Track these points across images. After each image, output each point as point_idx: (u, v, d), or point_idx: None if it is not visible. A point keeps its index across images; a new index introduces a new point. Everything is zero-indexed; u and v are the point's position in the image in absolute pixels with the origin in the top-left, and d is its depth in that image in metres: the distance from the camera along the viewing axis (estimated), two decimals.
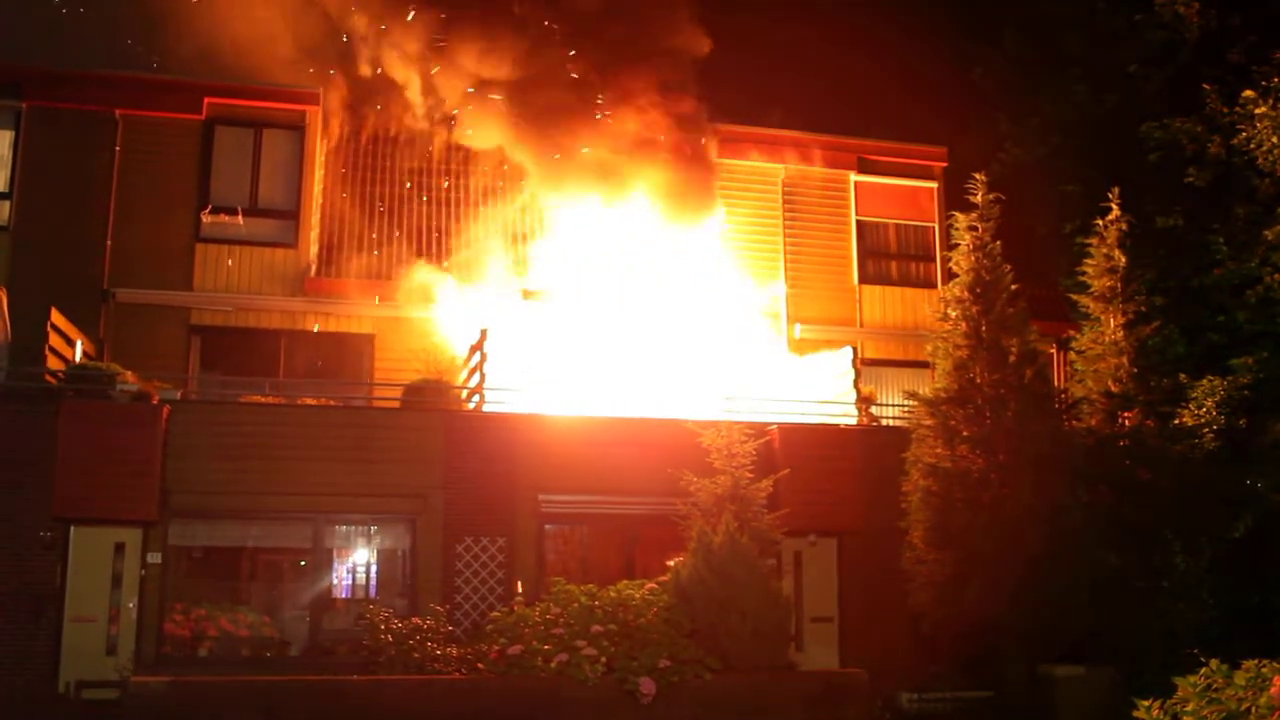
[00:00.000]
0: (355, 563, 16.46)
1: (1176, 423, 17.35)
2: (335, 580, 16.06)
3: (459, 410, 17.08)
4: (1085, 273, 17.68)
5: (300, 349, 19.82)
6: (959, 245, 16.58)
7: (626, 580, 14.85)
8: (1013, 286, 16.27)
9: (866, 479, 16.75)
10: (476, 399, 17.19)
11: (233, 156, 19.95)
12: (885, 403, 19.96)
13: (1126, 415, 16.91)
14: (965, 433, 15.72)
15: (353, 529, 16.31)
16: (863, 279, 22.56)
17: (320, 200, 20.45)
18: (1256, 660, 9.05)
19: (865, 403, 18.72)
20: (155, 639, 14.77)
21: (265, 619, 15.35)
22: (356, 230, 20.46)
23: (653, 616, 13.89)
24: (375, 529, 16.32)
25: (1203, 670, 9.10)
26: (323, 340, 19.89)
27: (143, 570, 14.94)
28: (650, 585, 14.55)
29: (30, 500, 14.48)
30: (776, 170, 22.45)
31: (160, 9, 20.64)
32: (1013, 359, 15.97)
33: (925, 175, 23.23)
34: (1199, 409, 18.39)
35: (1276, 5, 22.67)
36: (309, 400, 17.48)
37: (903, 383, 20.62)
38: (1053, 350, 20.74)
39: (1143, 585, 15.71)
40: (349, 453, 15.63)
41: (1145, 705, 9.04)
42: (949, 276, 17.50)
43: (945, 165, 23.20)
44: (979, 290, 16.18)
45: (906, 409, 17.36)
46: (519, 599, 14.77)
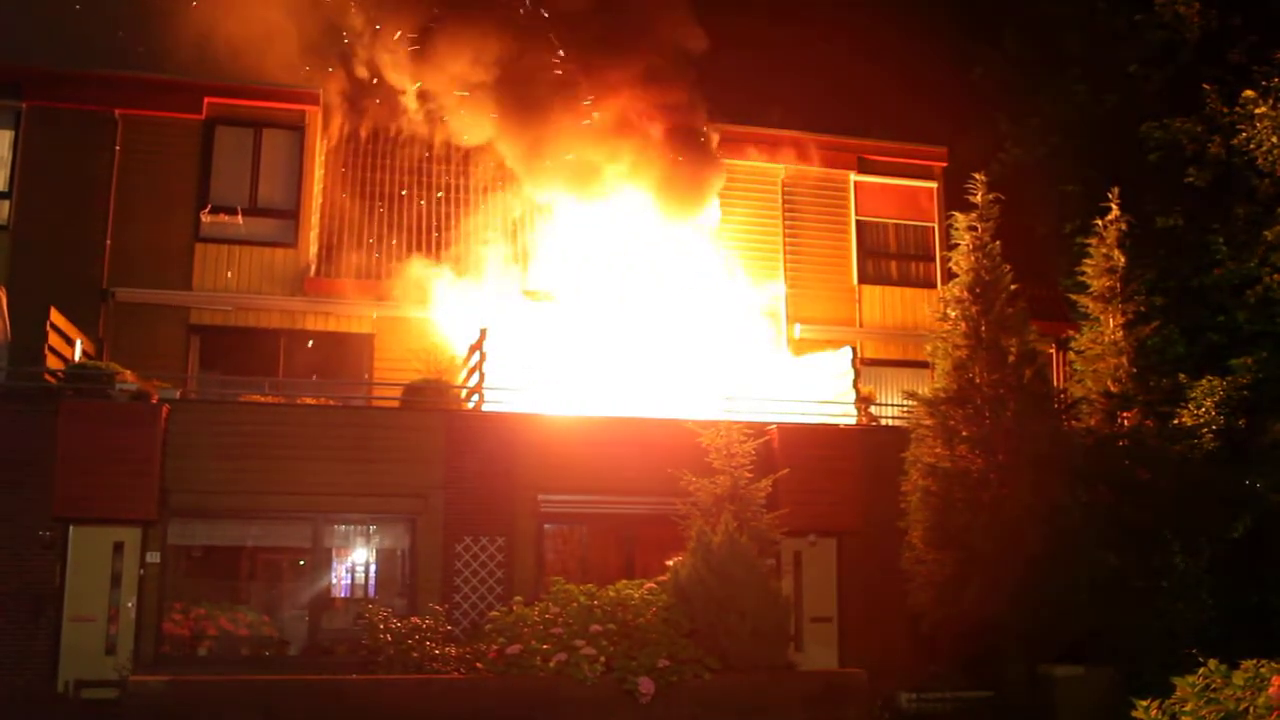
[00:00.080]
0: (354, 562, 16.47)
1: (1176, 423, 17.35)
2: (334, 580, 16.07)
3: (458, 410, 17.07)
4: (1085, 273, 17.68)
5: (300, 349, 19.82)
6: (959, 245, 16.58)
7: (625, 580, 14.85)
8: (1012, 286, 16.27)
9: (866, 479, 16.74)
10: (476, 399, 17.19)
11: (232, 156, 19.95)
12: (885, 403, 19.97)
13: (1126, 415, 16.91)
14: (965, 433, 15.71)
15: (352, 528, 16.31)
16: (862, 279, 22.56)
17: (320, 200, 20.45)
18: (1255, 660, 9.05)
19: (865, 403, 18.72)
20: (154, 638, 14.78)
21: (264, 618, 15.35)
22: (356, 230, 20.46)
23: (652, 616, 13.89)
24: (374, 528, 16.32)
25: (1201, 670, 9.09)
26: (322, 340, 19.89)
27: (142, 570, 14.94)
28: (649, 585, 14.55)
29: (30, 500, 14.48)
30: (776, 170, 22.45)
31: (160, 8, 20.62)
32: (1012, 359, 15.97)
33: (925, 175, 23.23)
34: (1198, 409, 18.41)
35: (1276, 5, 22.66)
36: (308, 400, 17.48)
37: (902, 383, 20.63)
38: (1052, 350, 20.75)
39: (1142, 585, 15.71)
40: (348, 452, 15.63)
41: (1144, 705, 9.03)
42: (949, 276, 17.50)
43: (945, 165, 23.21)
44: (978, 290, 16.18)
45: (906, 409, 17.36)
46: (517, 600, 14.76)
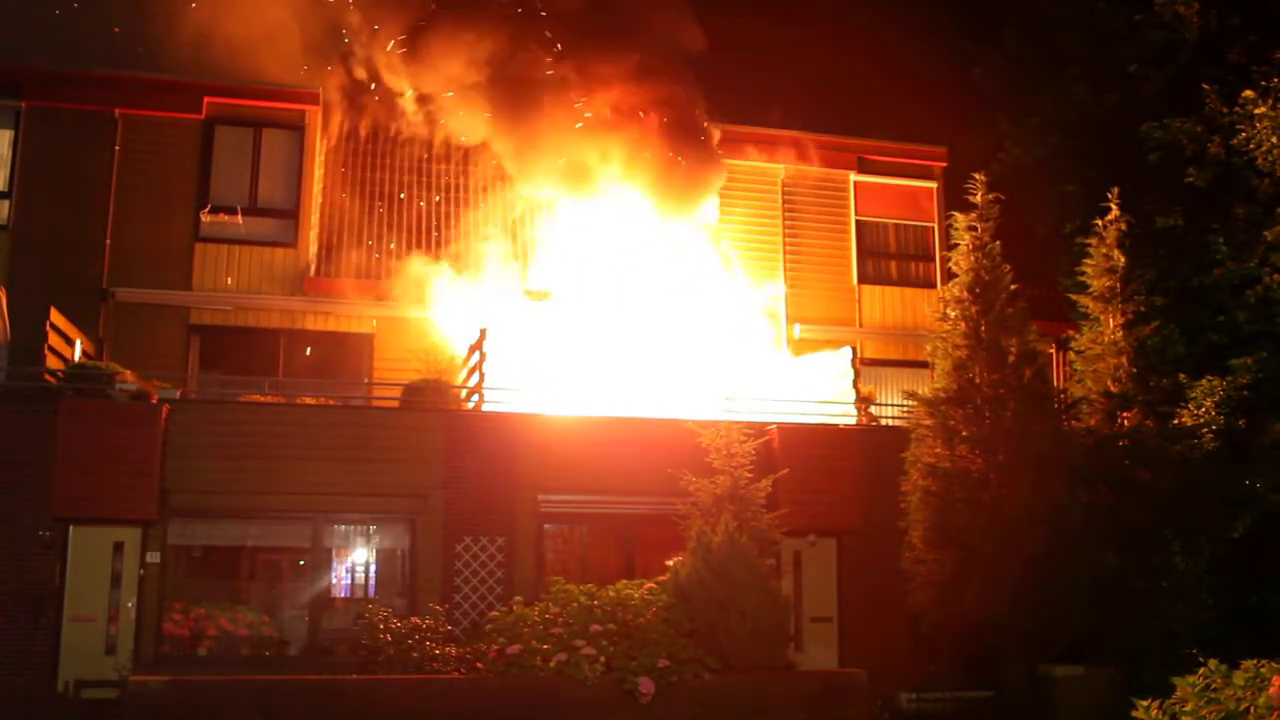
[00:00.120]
0: (354, 562, 16.46)
1: (1176, 423, 17.35)
2: (334, 580, 16.06)
3: (458, 410, 17.07)
4: (1085, 273, 17.67)
5: (300, 349, 19.82)
6: (958, 245, 16.58)
7: (625, 580, 14.85)
8: (1012, 286, 16.26)
9: (866, 479, 16.74)
10: (476, 399, 17.18)
11: (232, 156, 19.95)
12: (885, 403, 19.97)
13: (1126, 415, 16.91)
14: (964, 433, 15.71)
15: (352, 528, 16.30)
16: (862, 279, 22.56)
17: (320, 200, 20.45)
18: (1255, 660, 9.05)
19: (865, 403, 18.72)
20: (154, 638, 14.77)
21: (264, 618, 15.35)
22: (356, 230, 20.46)
23: (652, 616, 13.88)
24: (374, 528, 16.32)
25: (1201, 670, 9.09)
26: (322, 340, 19.89)
27: (142, 570, 14.94)
28: (649, 585, 14.55)
29: (30, 500, 14.48)
30: (776, 170, 22.45)
31: (160, 8, 20.63)
32: (1012, 359, 15.96)
33: (925, 175, 23.23)
34: (1198, 409, 18.40)
35: (1276, 5, 22.66)
36: (308, 400, 17.47)
37: (902, 383, 20.63)
38: (1052, 350, 20.75)
39: (1142, 585, 15.71)
40: (348, 452, 15.63)
41: (1144, 705, 9.04)
42: (948, 276, 17.50)
43: (945, 165, 23.21)
44: (978, 290, 16.17)
45: (906, 409, 17.36)
46: (517, 600, 14.76)
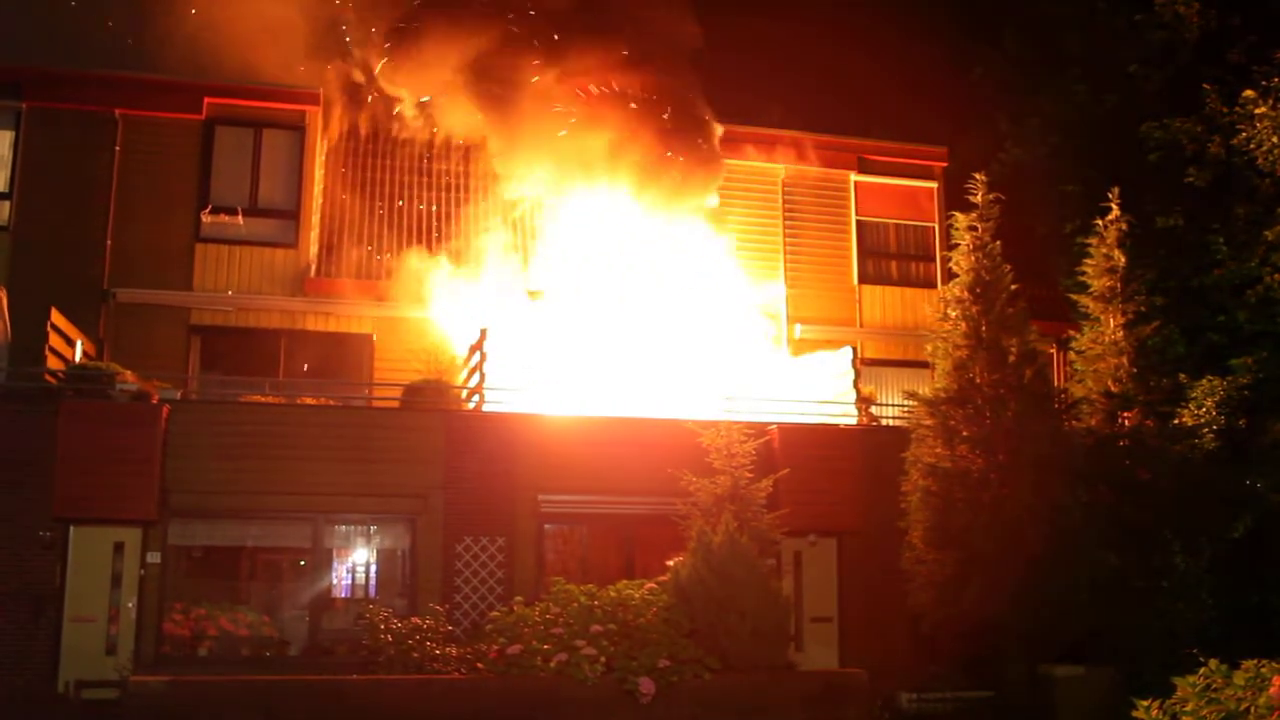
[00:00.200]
0: (355, 562, 16.47)
1: (1176, 423, 17.35)
2: (335, 580, 16.06)
3: (459, 410, 17.07)
4: (1085, 273, 17.66)
5: (300, 349, 19.82)
6: (959, 245, 16.58)
7: (626, 580, 14.86)
8: (1012, 286, 16.26)
9: (866, 479, 16.74)
10: (476, 399, 17.19)
11: (233, 156, 19.96)
12: (885, 403, 19.95)
13: (1126, 415, 16.90)
14: (965, 433, 15.71)
15: (352, 529, 16.31)
16: (863, 279, 22.56)
17: (320, 200, 20.45)
18: (1256, 660, 9.06)
19: (865, 403, 18.71)
20: (155, 639, 14.77)
21: (265, 619, 15.34)
22: (356, 230, 20.47)
23: (652, 616, 13.89)
24: (375, 529, 16.32)
25: (1202, 670, 9.10)
26: (322, 340, 19.89)
27: (142, 570, 14.94)
28: (650, 585, 14.56)
29: (30, 500, 14.48)
30: (776, 170, 22.45)
31: (160, 9, 20.64)
32: (1012, 359, 15.96)
33: (925, 175, 23.24)
34: (1199, 409, 18.40)
35: (1276, 5, 22.64)
36: (309, 400, 17.47)
37: (903, 383, 20.61)
38: (1053, 350, 20.73)
39: (1143, 585, 15.71)
40: (349, 453, 15.63)
41: (1145, 705, 9.05)
42: (949, 276, 17.50)
43: (945, 165, 23.22)
44: (979, 290, 16.17)
45: (906, 409, 17.35)
46: (518, 601, 14.75)
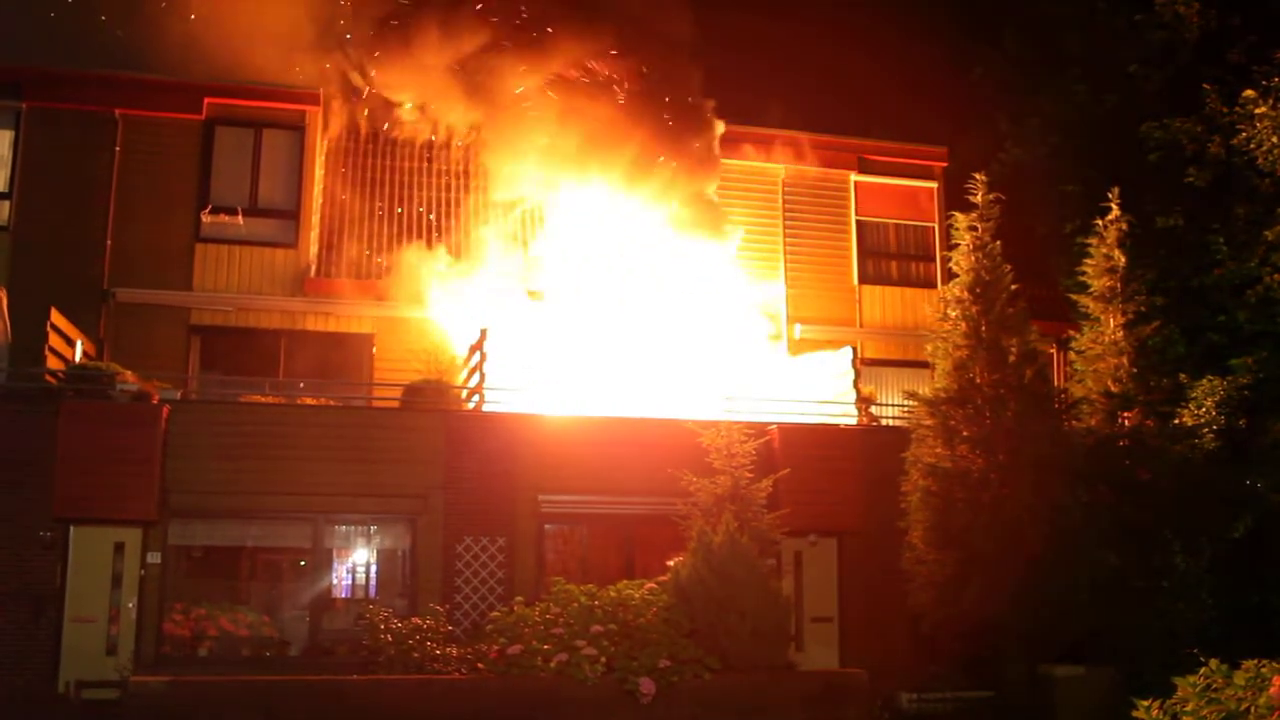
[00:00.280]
0: (355, 563, 16.47)
1: (1176, 423, 17.35)
2: (335, 580, 16.06)
3: (459, 410, 17.07)
4: (1085, 273, 17.66)
5: (300, 349, 19.81)
6: (959, 245, 16.58)
7: (626, 580, 14.86)
8: (1013, 286, 16.27)
9: (866, 479, 16.74)
10: (476, 399, 17.19)
11: (233, 156, 19.95)
12: (885, 403, 19.95)
13: (1126, 415, 16.90)
14: (965, 433, 15.71)
15: (352, 529, 16.31)
16: (863, 279, 22.56)
17: (320, 200, 20.45)
18: (1256, 660, 9.06)
19: (865, 403, 18.71)
20: (155, 639, 14.78)
21: (265, 619, 15.34)
22: (356, 230, 20.47)
23: (652, 616, 13.89)
24: (375, 529, 16.32)
25: (1202, 670, 9.10)
26: (322, 340, 19.88)
27: (142, 570, 14.94)
28: (650, 585, 14.56)
29: (30, 500, 14.49)
30: (776, 170, 22.45)
31: (160, 9, 20.64)
32: (1013, 359, 15.97)
33: (925, 175, 23.24)
34: (1199, 409, 18.39)
35: (1276, 5, 22.64)
36: (309, 400, 17.47)
37: (903, 383, 20.60)
38: (1053, 350, 20.73)
39: (1143, 585, 15.71)
40: (349, 453, 15.63)
41: (1145, 705, 9.04)
42: (949, 276, 17.50)
43: (945, 165, 23.22)
44: (979, 290, 16.17)
45: (906, 409, 17.35)
46: (518, 601, 14.75)
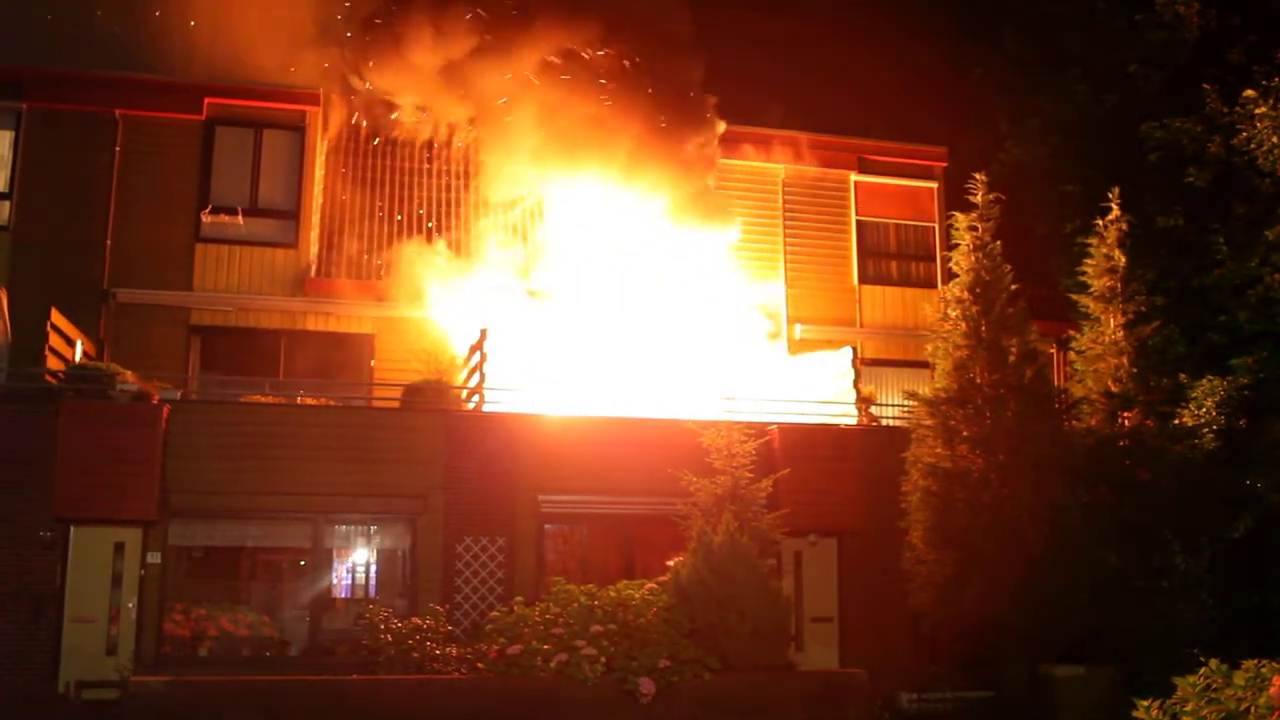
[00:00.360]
0: (355, 562, 16.47)
1: (1176, 423, 17.35)
2: (335, 580, 16.06)
3: (459, 410, 17.07)
4: (1085, 273, 17.66)
5: (300, 349, 19.81)
6: (959, 245, 16.58)
7: (626, 580, 14.86)
8: (1013, 286, 16.27)
9: (866, 479, 16.74)
10: (476, 399, 17.19)
11: (233, 157, 19.95)
12: (885, 403, 19.96)
13: (1126, 415, 16.90)
14: (965, 433, 15.71)
15: (352, 529, 16.31)
16: (863, 279, 22.56)
17: (320, 200, 20.45)
18: (1256, 660, 9.05)
19: (865, 403, 18.72)
20: (155, 639, 14.78)
21: (265, 619, 15.35)
22: (356, 230, 20.46)
23: (652, 616, 13.89)
24: (375, 529, 16.32)
25: (1202, 670, 9.09)
26: (322, 340, 19.88)
27: (142, 570, 14.95)
28: (650, 585, 14.56)
29: (30, 500, 14.49)
30: (776, 170, 22.45)
31: (160, 9, 20.63)
32: (1013, 359, 15.97)
33: (925, 175, 23.24)
34: (1199, 409, 18.39)
35: (1276, 5, 22.64)
36: (309, 400, 17.47)
37: (903, 383, 20.61)
38: (1053, 350, 20.72)
39: (1143, 585, 15.71)
40: (349, 453, 15.63)
41: (1145, 705, 9.04)
42: (949, 276, 17.49)
43: (945, 165, 23.21)
44: (979, 290, 16.17)
45: (906, 409, 17.35)
46: (518, 601, 14.75)
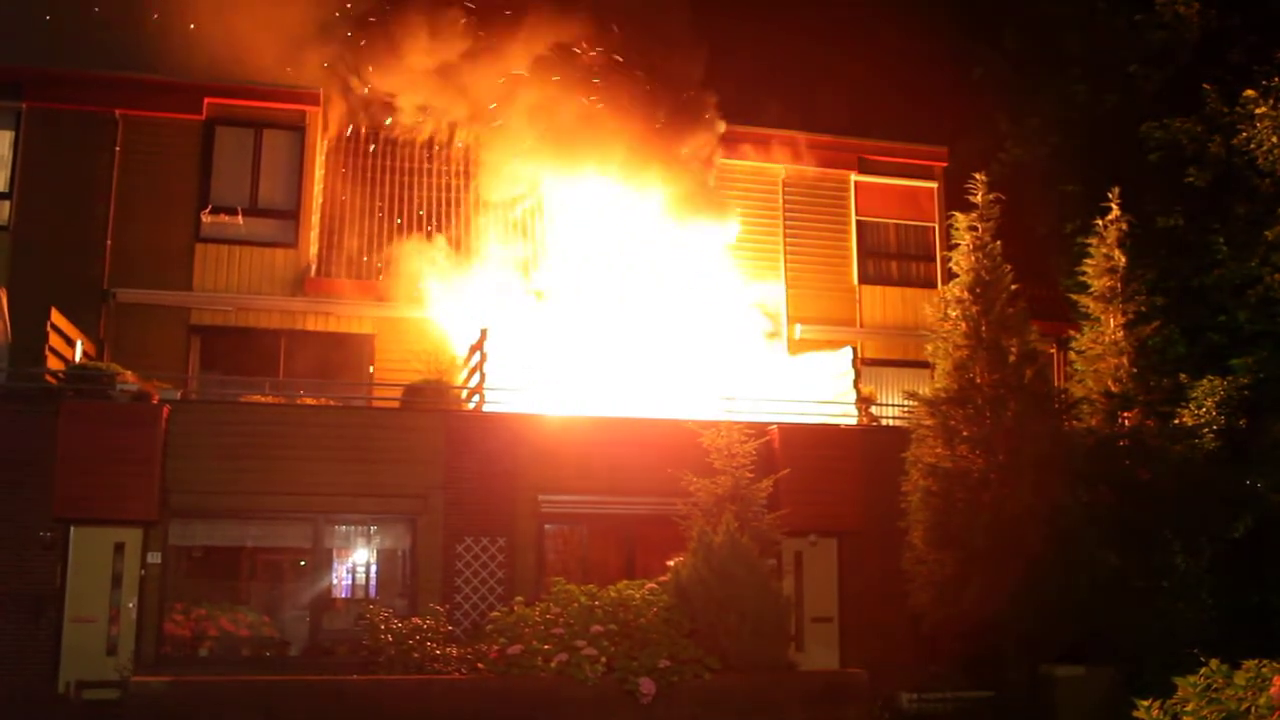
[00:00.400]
0: (355, 563, 16.46)
1: (1176, 423, 17.36)
2: (335, 580, 16.06)
3: (459, 410, 17.07)
4: (1085, 273, 17.68)
5: (300, 349, 19.80)
6: (959, 245, 16.58)
7: (626, 580, 14.86)
8: (1013, 286, 16.27)
9: (866, 479, 16.75)
10: (476, 399, 17.19)
11: (233, 157, 19.94)
12: (885, 403, 19.96)
13: (1126, 415, 16.91)
14: (965, 433, 15.71)
15: (352, 529, 16.31)
16: (863, 279, 22.55)
17: (320, 200, 20.44)
18: (1256, 660, 9.05)
19: (865, 403, 18.72)
20: (155, 639, 14.78)
21: (265, 619, 15.34)
22: (356, 230, 20.46)
23: (653, 616, 13.89)
24: (375, 529, 16.32)
25: (1203, 670, 9.09)
26: (322, 340, 19.87)
27: (143, 570, 14.94)
28: (650, 585, 14.56)
29: (30, 500, 14.49)
30: (776, 170, 22.45)
31: (160, 9, 20.63)
32: (1013, 359, 15.96)
33: (925, 175, 23.23)
34: (1199, 409, 18.41)
35: (1276, 5, 22.65)
36: (309, 400, 17.47)
37: (903, 383, 20.61)
38: (1053, 350, 20.73)
39: (1143, 585, 15.72)
40: (349, 453, 15.63)
41: (1145, 705, 9.03)
42: (949, 276, 17.49)
43: (945, 165, 23.20)
44: (979, 290, 16.17)
45: (906, 409, 17.36)
46: (518, 601, 14.75)
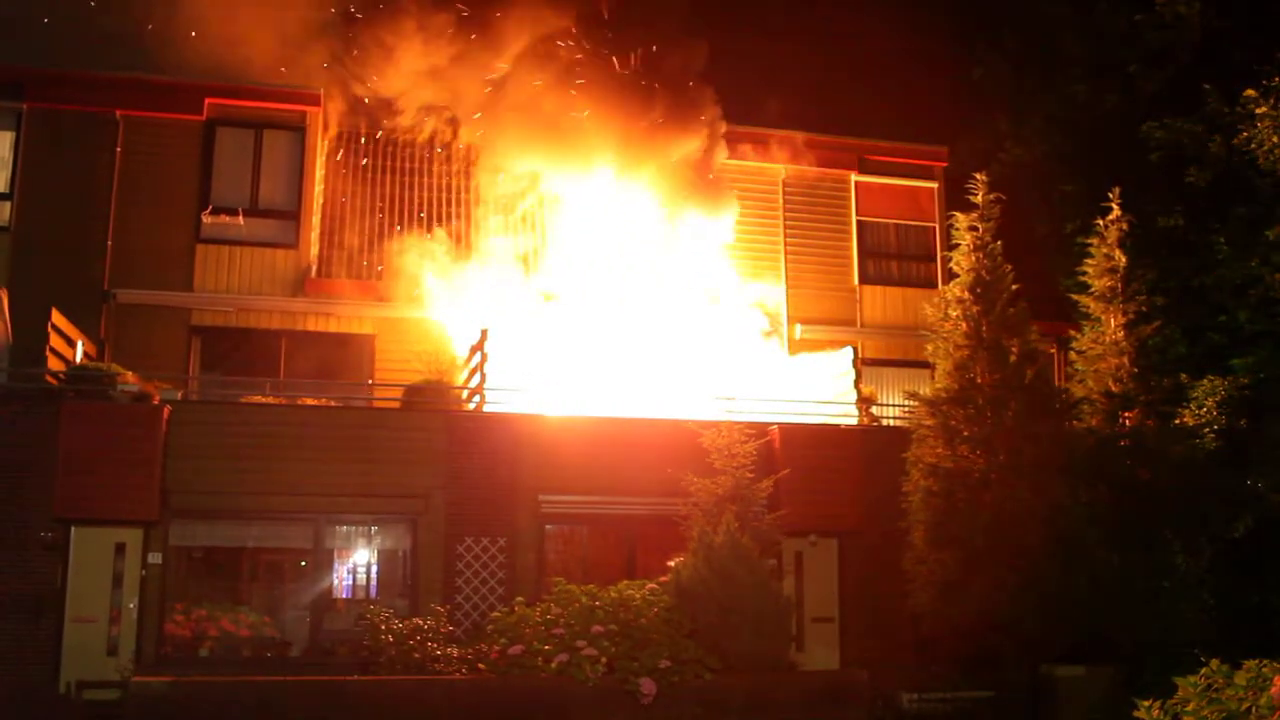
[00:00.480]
0: (356, 563, 16.47)
1: (1177, 423, 17.35)
2: (336, 580, 16.07)
3: (460, 411, 17.08)
4: (1085, 273, 17.67)
5: (301, 349, 19.81)
6: (959, 245, 16.58)
7: (627, 580, 14.89)
8: (1013, 286, 16.27)
9: (867, 479, 16.76)
10: (477, 399, 17.19)
11: (233, 157, 19.97)
12: (885, 403, 19.97)
13: (1127, 415, 16.91)
14: (966, 433, 15.71)
15: (353, 529, 16.31)
16: (863, 279, 22.57)
17: (321, 200, 20.45)
18: (1257, 660, 9.02)
19: (865, 403, 18.73)
20: (156, 639, 14.79)
21: (266, 619, 15.35)
22: (357, 230, 20.47)
23: (653, 617, 13.90)
24: (376, 529, 16.33)
25: (1203, 670, 9.06)
26: (323, 340, 19.89)
27: (143, 570, 14.95)
28: (651, 585, 14.58)
29: (31, 501, 14.51)
30: (777, 170, 22.47)
31: (161, 9, 20.63)
32: (1013, 359, 15.96)
33: (925, 175, 23.25)
34: (1199, 409, 18.38)
35: (1277, 5, 22.63)
36: (310, 401, 17.48)
37: (903, 383, 20.64)
38: (1053, 350, 20.74)
39: (1143, 585, 15.70)
40: (350, 453, 15.64)
41: (1145, 705, 9.01)
42: (949, 276, 17.49)
43: (945, 165, 23.24)
44: (979, 290, 16.18)
45: (907, 409, 17.37)
46: (519, 601, 14.76)
